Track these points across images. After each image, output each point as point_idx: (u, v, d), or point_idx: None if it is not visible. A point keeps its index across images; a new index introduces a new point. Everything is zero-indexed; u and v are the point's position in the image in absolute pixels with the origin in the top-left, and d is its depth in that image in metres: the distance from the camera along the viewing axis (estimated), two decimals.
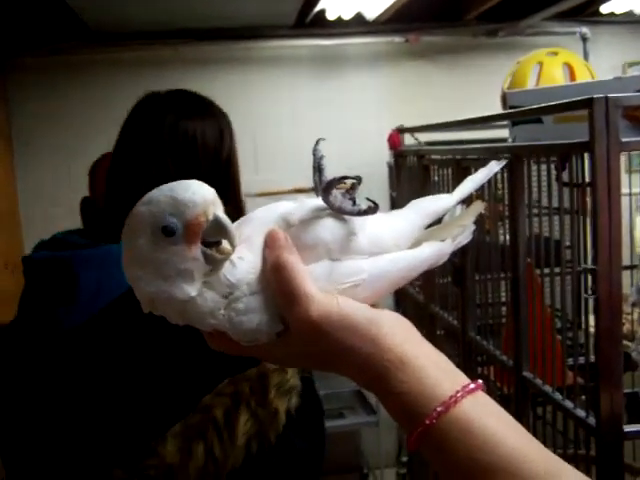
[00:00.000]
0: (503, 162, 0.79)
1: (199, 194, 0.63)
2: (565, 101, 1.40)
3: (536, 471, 0.57)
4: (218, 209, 0.64)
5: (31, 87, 3.78)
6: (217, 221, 0.63)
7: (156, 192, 0.64)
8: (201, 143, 1.30)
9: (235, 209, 1.34)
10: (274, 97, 4.02)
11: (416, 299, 2.74)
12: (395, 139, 2.68)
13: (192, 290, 0.64)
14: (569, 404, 1.50)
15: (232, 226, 0.64)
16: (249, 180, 1.56)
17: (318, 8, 3.58)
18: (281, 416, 1.20)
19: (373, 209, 0.68)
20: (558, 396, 1.54)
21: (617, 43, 4.12)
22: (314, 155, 0.71)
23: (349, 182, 0.68)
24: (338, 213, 0.68)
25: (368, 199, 0.68)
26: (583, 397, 1.53)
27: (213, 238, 0.64)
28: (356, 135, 3.98)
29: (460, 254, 2.07)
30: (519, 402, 1.70)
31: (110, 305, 1.20)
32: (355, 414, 3.99)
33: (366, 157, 3.86)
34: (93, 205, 2.35)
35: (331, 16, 3.76)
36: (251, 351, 0.68)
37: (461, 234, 0.75)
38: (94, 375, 1.20)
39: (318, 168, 0.70)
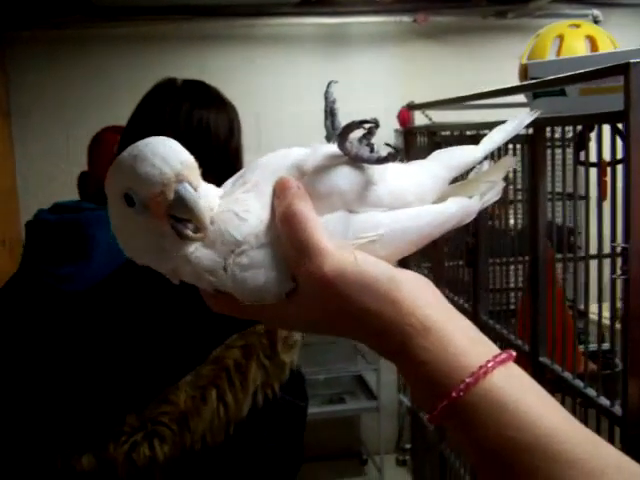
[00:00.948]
0: (535, 113, 0.71)
1: (158, 168, 0.57)
2: (597, 68, 1.31)
3: (579, 454, 0.50)
4: (185, 182, 0.57)
5: (30, 61, 3.71)
6: (180, 199, 0.57)
7: (125, 153, 0.58)
8: (214, 133, 1.33)
9: None
10: (278, 76, 3.95)
11: None
12: (405, 116, 2.61)
13: (169, 263, 0.60)
14: (592, 392, 1.43)
15: (199, 204, 0.57)
16: (252, 160, 1.52)
17: None
18: (286, 368, 1.25)
19: (393, 156, 0.60)
20: (579, 383, 1.47)
21: (629, 26, 4.04)
22: (326, 99, 0.64)
23: (367, 126, 0.61)
24: (355, 161, 0.61)
25: (388, 144, 0.62)
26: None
27: (180, 215, 0.58)
28: (361, 115, 3.89)
29: (473, 235, 2.01)
30: None
31: (123, 265, 1.23)
32: (355, 399, 3.96)
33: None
34: (91, 180, 2.30)
35: None
36: (256, 313, 0.61)
37: (489, 191, 0.67)
38: (109, 328, 1.24)
39: (331, 112, 0.64)
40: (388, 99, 3.71)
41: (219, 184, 0.64)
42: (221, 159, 1.32)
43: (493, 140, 0.68)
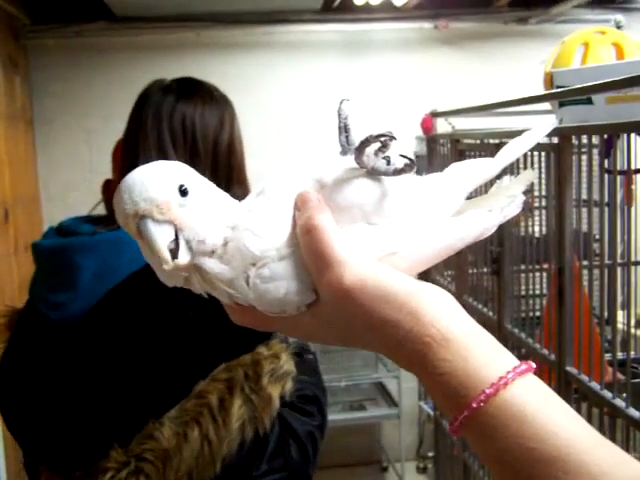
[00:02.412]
0: (555, 122, 0.70)
1: (122, 203, 0.59)
2: (625, 76, 1.30)
3: (599, 466, 0.49)
4: (146, 219, 0.59)
5: (53, 69, 3.74)
6: (141, 234, 0.59)
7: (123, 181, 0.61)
8: (200, 127, 1.32)
9: (238, 196, 1.33)
10: (299, 83, 3.95)
11: (448, 289, 2.66)
12: (428, 124, 2.60)
13: (170, 282, 0.63)
14: (620, 402, 1.41)
15: (153, 240, 0.58)
16: (272, 165, 1.53)
17: None
18: (275, 402, 1.20)
19: (410, 166, 0.61)
20: (607, 393, 1.46)
21: None
22: (339, 115, 0.65)
23: (383, 139, 0.61)
24: (372, 174, 0.61)
25: (403, 156, 0.61)
26: (624, 394, 1.46)
27: None
28: (382, 122, 3.90)
29: (498, 243, 2.00)
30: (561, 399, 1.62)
31: (109, 292, 1.22)
32: (376, 406, 3.94)
33: None
34: (115, 187, 2.31)
35: (358, 1, 3.68)
36: (277, 324, 0.62)
37: (509, 205, 0.66)
38: (92, 360, 1.23)
39: (344, 128, 0.65)
40: (409, 106, 3.71)
41: (215, 178, 0.65)
42: (212, 154, 1.32)
43: (511, 152, 0.68)
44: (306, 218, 0.59)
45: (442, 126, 2.85)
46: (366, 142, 0.60)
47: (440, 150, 2.55)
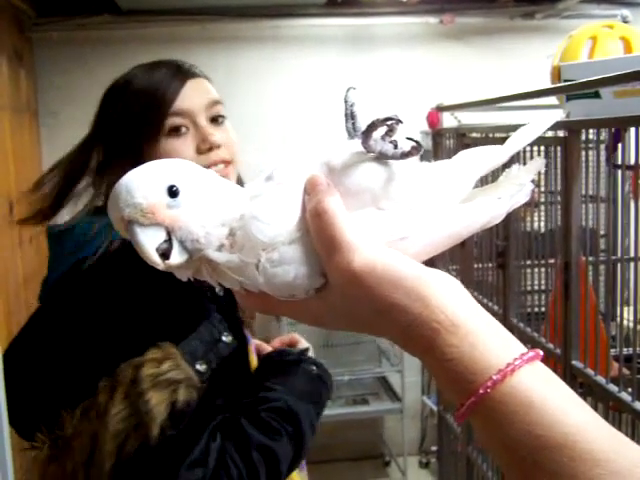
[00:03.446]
0: (563, 114, 0.71)
1: (113, 210, 0.61)
2: (634, 70, 1.29)
3: (606, 453, 0.49)
4: (134, 224, 0.60)
5: (58, 62, 3.74)
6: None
7: None
8: (137, 89, 1.33)
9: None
10: (304, 76, 3.95)
11: None
12: (434, 118, 2.60)
13: (179, 275, 0.64)
14: (626, 396, 1.41)
15: (141, 244, 0.60)
16: (276, 158, 1.51)
17: None
18: (156, 409, 1.11)
19: (416, 149, 0.61)
20: (613, 387, 1.46)
21: None
22: (345, 102, 0.66)
23: (390, 123, 0.61)
24: (380, 158, 0.62)
25: (410, 138, 0.62)
26: (629, 389, 1.46)
27: None
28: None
29: (503, 237, 2.00)
30: None
31: (49, 284, 1.31)
32: (379, 400, 3.95)
33: None
34: None
35: None
36: (286, 309, 0.63)
37: (517, 193, 0.67)
38: (27, 345, 1.29)
39: (351, 115, 0.66)
40: (414, 100, 3.70)
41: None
42: (151, 116, 1.29)
43: (519, 141, 0.69)
44: (316, 202, 0.59)
45: (448, 120, 2.85)
46: (373, 126, 0.61)
47: (446, 144, 2.54)
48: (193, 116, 1.29)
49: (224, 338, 1.25)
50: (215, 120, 1.33)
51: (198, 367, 1.18)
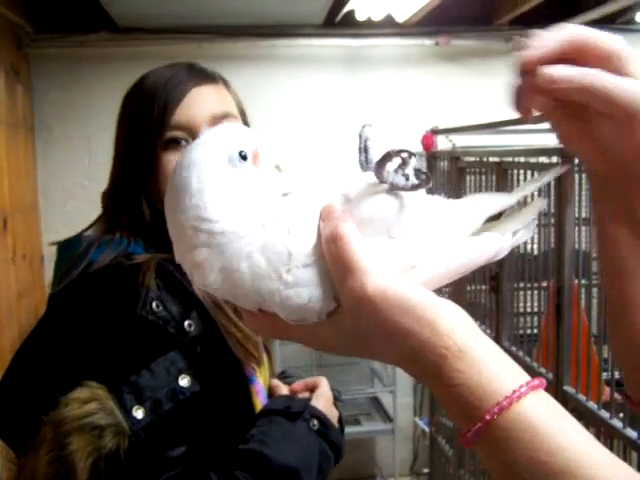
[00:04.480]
0: (567, 166, 0.74)
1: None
2: None
3: (608, 478, 0.50)
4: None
5: (55, 78, 3.74)
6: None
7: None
8: (147, 84, 1.30)
9: None
10: (300, 96, 3.96)
11: None
12: (429, 141, 2.61)
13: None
14: (617, 423, 1.41)
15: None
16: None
17: (347, 8, 3.52)
18: (79, 455, 1.01)
19: (425, 181, 0.63)
20: (605, 414, 1.46)
21: None
22: (360, 137, 0.68)
23: (404, 156, 0.64)
24: (391, 189, 0.64)
25: (419, 170, 0.64)
26: (621, 414, 1.46)
27: None
28: (382, 138, 3.91)
29: (497, 261, 2.00)
30: None
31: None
32: (371, 421, 3.93)
33: None
34: None
35: (361, 17, 3.70)
36: (296, 333, 0.63)
37: (521, 230, 0.71)
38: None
39: (364, 149, 0.68)
40: (409, 121, 3.72)
41: None
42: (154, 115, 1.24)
43: (525, 190, 0.74)
44: (332, 227, 0.60)
45: (442, 142, 2.86)
46: (387, 157, 0.63)
47: (440, 166, 2.55)
48: (193, 129, 1.20)
49: (180, 381, 1.10)
50: None
51: (134, 413, 1.05)
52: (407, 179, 0.63)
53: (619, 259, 0.68)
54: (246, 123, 1.36)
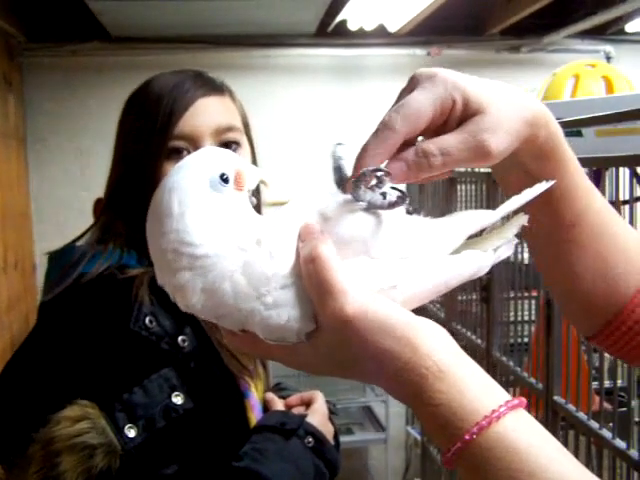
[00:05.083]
0: (551, 182, 0.73)
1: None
2: (618, 111, 1.32)
3: None
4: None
5: (47, 87, 3.74)
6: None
7: None
8: (152, 90, 1.28)
9: None
10: (293, 105, 3.97)
11: (437, 316, 2.67)
12: None
13: None
14: (607, 433, 1.42)
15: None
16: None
17: (340, 18, 3.54)
18: (69, 475, 0.99)
19: (402, 199, 0.63)
20: (594, 424, 1.47)
21: None
22: (332, 157, 0.68)
23: (379, 174, 0.63)
24: (369, 208, 0.64)
25: (394, 188, 0.64)
26: (610, 424, 1.46)
27: None
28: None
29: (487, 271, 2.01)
30: (548, 428, 1.62)
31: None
32: (363, 430, 3.93)
33: None
34: None
35: (353, 27, 3.71)
36: (276, 352, 0.63)
37: (502, 246, 0.69)
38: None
39: (338, 169, 0.68)
40: None
41: None
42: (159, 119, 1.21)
43: (509, 206, 0.71)
44: (310, 248, 0.60)
45: None
46: (362, 177, 0.63)
47: None
48: (196, 141, 1.19)
49: (174, 398, 1.08)
50: (227, 146, 1.21)
51: (126, 432, 1.03)
52: (384, 197, 0.63)
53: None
54: (249, 135, 1.35)
